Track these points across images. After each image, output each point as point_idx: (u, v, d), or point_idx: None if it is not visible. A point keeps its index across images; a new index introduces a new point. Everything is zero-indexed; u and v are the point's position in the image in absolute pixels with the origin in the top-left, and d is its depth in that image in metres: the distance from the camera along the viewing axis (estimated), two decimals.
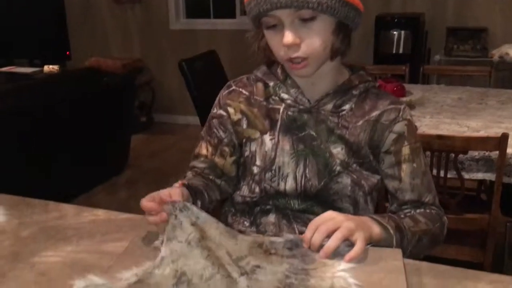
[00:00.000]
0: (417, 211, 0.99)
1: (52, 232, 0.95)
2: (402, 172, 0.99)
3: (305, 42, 0.89)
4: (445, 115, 2.11)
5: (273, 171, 1.01)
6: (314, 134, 0.99)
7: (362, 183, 1.00)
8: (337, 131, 0.98)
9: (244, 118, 1.04)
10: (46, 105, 2.75)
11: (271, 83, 1.03)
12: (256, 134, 1.03)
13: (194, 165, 1.09)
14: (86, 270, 0.77)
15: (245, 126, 1.04)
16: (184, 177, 1.07)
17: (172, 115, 4.72)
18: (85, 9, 4.78)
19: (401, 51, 3.55)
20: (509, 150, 1.55)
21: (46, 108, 2.75)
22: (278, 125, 1.01)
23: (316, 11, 0.87)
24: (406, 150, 0.99)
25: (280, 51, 0.92)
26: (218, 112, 1.07)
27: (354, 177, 0.99)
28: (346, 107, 0.99)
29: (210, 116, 1.09)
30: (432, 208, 1.01)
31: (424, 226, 0.96)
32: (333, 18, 0.90)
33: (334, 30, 0.91)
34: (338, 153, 0.98)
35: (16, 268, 0.83)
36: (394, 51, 3.57)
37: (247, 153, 1.04)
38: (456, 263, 0.83)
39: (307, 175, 0.99)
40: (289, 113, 1.01)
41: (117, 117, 3.32)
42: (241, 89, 1.06)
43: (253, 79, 1.07)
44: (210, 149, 1.08)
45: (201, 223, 0.81)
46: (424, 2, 3.73)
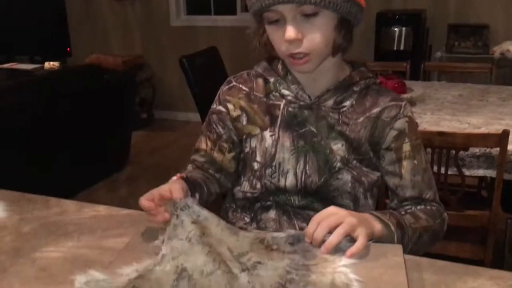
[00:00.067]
0: (418, 208, 0.99)
1: (53, 228, 0.95)
2: (403, 169, 0.99)
3: (307, 38, 0.89)
4: (446, 112, 2.10)
5: (273, 167, 1.00)
6: (315, 131, 0.99)
7: (362, 180, 1.00)
8: (338, 128, 0.98)
9: (244, 115, 1.04)
10: (47, 102, 2.75)
11: (272, 79, 1.02)
12: (256, 130, 1.03)
13: (195, 159, 1.10)
14: (87, 266, 0.77)
15: (245, 123, 1.04)
16: (185, 170, 1.08)
17: (173, 112, 4.71)
18: (86, 6, 4.78)
19: (402, 48, 3.54)
20: (510, 147, 1.54)
21: (47, 105, 2.75)
22: (279, 121, 1.01)
23: (319, 7, 0.86)
24: (407, 147, 0.99)
25: (282, 47, 0.92)
26: (218, 108, 1.07)
27: (354, 174, 0.99)
28: (347, 104, 0.99)
29: (210, 111, 1.09)
30: (433, 205, 1.01)
31: (425, 223, 0.96)
32: (335, 14, 0.89)
33: (336, 26, 0.91)
34: (339, 150, 0.98)
35: (17, 264, 0.83)
36: (395, 48, 3.56)
37: (247, 149, 1.04)
38: (457, 260, 0.83)
39: (307, 172, 0.99)
40: (290, 109, 1.00)
41: (118, 114, 3.32)
42: (241, 85, 1.06)
43: (254, 75, 1.06)
44: (209, 144, 1.08)
45: (202, 221, 0.81)
46: None
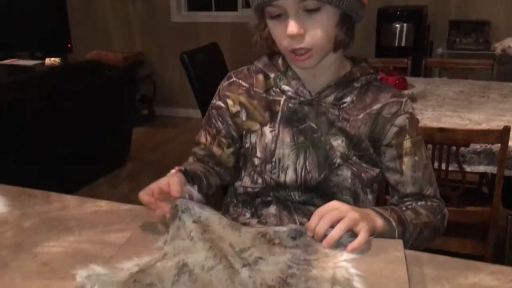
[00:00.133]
0: (419, 204, 0.99)
1: (54, 223, 0.95)
2: (403, 166, 0.99)
3: (309, 33, 0.89)
4: (447, 108, 2.10)
5: (273, 163, 1.00)
6: (315, 126, 0.99)
7: (362, 176, 1.00)
8: (338, 124, 0.98)
9: (243, 110, 1.04)
10: (48, 98, 2.75)
11: (272, 75, 1.02)
12: (256, 126, 1.03)
13: (195, 152, 1.11)
14: (89, 260, 0.77)
15: (244, 118, 1.04)
16: (186, 162, 1.10)
17: (174, 108, 4.71)
18: (86, 2, 4.77)
19: (403, 44, 3.53)
20: (511, 143, 1.54)
21: (48, 101, 2.75)
22: (279, 117, 1.01)
23: (321, 2, 0.86)
24: (408, 144, 0.98)
25: (284, 42, 0.91)
26: (217, 103, 1.08)
27: (354, 170, 0.99)
28: (347, 100, 0.99)
29: (210, 106, 1.09)
30: (433, 201, 1.01)
31: (426, 219, 0.96)
32: (338, 10, 0.89)
33: (338, 22, 0.91)
34: (339, 146, 0.98)
35: (19, 258, 0.83)
36: (396, 44, 3.55)
37: (248, 145, 1.04)
38: (457, 256, 0.82)
39: (307, 167, 0.99)
40: (290, 105, 1.00)
41: (119, 110, 3.32)
42: (241, 81, 1.06)
43: (254, 71, 1.06)
44: (209, 139, 1.09)
45: (204, 220, 0.82)
46: None
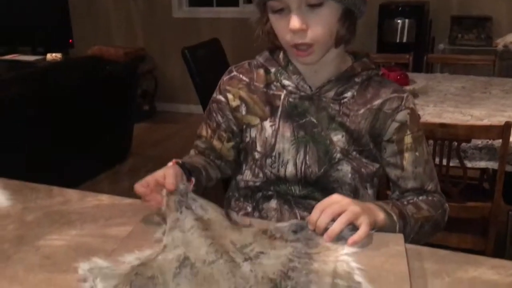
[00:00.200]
0: (420, 198, 1.00)
1: (56, 217, 0.96)
2: (404, 161, 0.99)
3: (312, 28, 0.89)
4: (449, 104, 2.10)
5: (273, 157, 1.01)
6: (315, 121, 0.99)
7: (362, 171, 1.00)
8: (338, 119, 0.98)
9: (243, 105, 1.04)
10: (49, 93, 2.76)
11: (273, 69, 1.02)
12: (256, 121, 1.03)
13: (197, 144, 1.12)
14: (90, 254, 0.78)
15: (244, 113, 1.04)
16: (188, 155, 1.11)
17: (175, 104, 4.71)
18: None
19: (405, 40, 3.53)
20: None
21: (49, 96, 2.75)
22: (279, 112, 1.01)
23: None
24: (408, 139, 0.98)
25: (286, 36, 0.91)
26: (218, 98, 1.08)
27: (354, 165, 0.99)
28: (348, 95, 0.99)
29: (211, 100, 1.10)
30: (434, 196, 1.01)
31: (427, 213, 0.96)
32: (340, 5, 0.89)
33: (341, 18, 0.91)
34: (339, 141, 0.98)
35: (21, 251, 0.84)
36: (398, 40, 3.55)
37: (248, 139, 1.04)
38: (458, 251, 0.83)
39: (307, 162, 0.99)
40: (290, 100, 1.00)
41: (120, 105, 3.32)
42: (242, 75, 1.06)
43: (255, 65, 1.06)
44: (209, 132, 1.09)
45: (206, 220, 0.82)
46: None
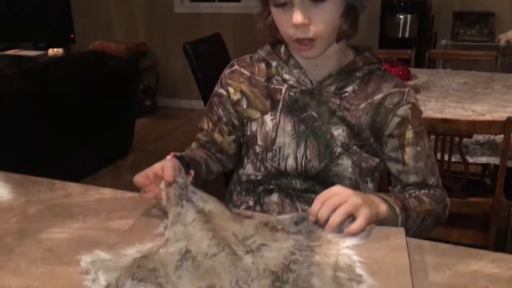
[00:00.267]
0: (422, 192, 1.00)
1: (59, 210, 0.96)
2: (406, 156, 0.99)
3: (314, 23, 0.89)
4: (451, 99, 2.09)
5: (274, 151, 1.01)
6: (316, 116, 0.99)
7: (362, 165, 1.00)
8: (339, 113, 0.98)
9: (244, 98, 1.04)
10: (51, 88, 2.76)
11: (274, 63, 1.02)
12: (257, 115, 1.03)
13: (198, 137, 1.12)
14: (93, 246, 0.78)
15: (245, 106, 1.04)
16: (189, 148, 1.11)
17: (176, 99, 4.71)
18: None
19: (407, 35, 3.52)
20: None
21: (51, 91, 2.75)
22: (280, 106, 1.01)
23: None
24: (410, 134, 0.98)
25: (288, 31, 0.91)
26: (219, 91, 1.08)
27: (355, 159, 0.99)
28: (349, 89, 0.99)
29: (213, 93, 1.10)
30: (436, 190, 1.02)
31: (429, 207, 0.96)
32: (343, 0, 0.89)
33: (343, 13, 0.91)
34: (339, 135, 0.98)
35: (24, 244, 0.84)
36: (400, 35, 3.54)
37: (249, 133, 1.05)
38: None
39: (308, 156, 0.99)
40: (291, 94, 1.00)
41: (122, 101, 3.32)
42: (243, 69, 1.06)
43: (256, 59, 1.06)
44: (210, 125, 1.09)
45: (207, 212, 0.82)
46: None
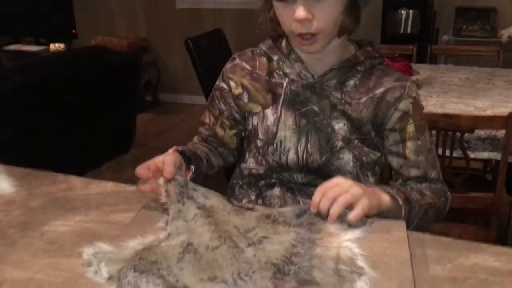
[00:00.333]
0: (423, 185, 1.00)
1: (61, 203, 0.96)
2: (407, 150, 0.99)
3: (317, 18, 0.89)
4: (452, 95, 2.09)
5: (275, 145, 1.01)
6: (317, 110, 0.99)
7: (363, 159, 1.01)
8: (340, 107, 0.98)
9: (245, 92, 1.05)
10: (52, 84, 2.76)
11: (275, 57, 1.02)
12: (258, 109, 1.03)
13: (200, 131, 1.12)
14: (95, 239, 0.79)
15: (246, 100, 1.05)
16: (191, 141, 1.12)
17: (178, 95, 4.71)
18: None
19: (409, 31, 3.51)
20: None
21: (52, 87, 2.75)
22: (281, 100, 1.01)
23: None
24: (411, 128, 0.99)
25: (291, 25, 0.91)
26: (221, 85, 1.08)
27: (356, 153, 1.00)
28: (350, 83, 0.99)
29: (214, 88, 1.10)
30: (437, 184, 1.02)
31: (430, 200, 0.97)
32: None
33: (346, 8, 0.91)
34: (340, 129, 0.98)
35: (26, 237, 0.84)
36: (402, 31, 3.53)
37: (250, 127, 1.05)
38: None
39: (309, 150, 0.99)
40: (292, 88, 1.00)
41: (123, 96, 3.32)
42: (244, 63, 1.06)
43: (258, 53, 1.06)
44: (212, 119, 1.09)
45: (208, 207, 0.83)
46: None
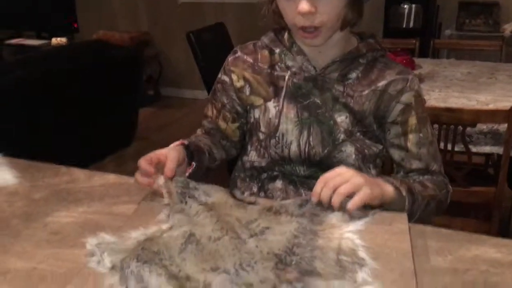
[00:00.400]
0: (425, 177, 1.00)
1: (64, 195, 0.97)
2: (409, 142, 0.99)
3: (320, 12, 0.89)
4: (454, 89, 2.08)
5: (277, 138, 1.01)
6: (319, 102, 0.99)
7: (365, 152, 1.01)
8: (342, 100, 0.98)
9: (247, 85, 1.05)
10: (54, 78, 2.76)
11: (277, 50, 1.02)
12: (260, 101, 1.03)
13: (203, 124, 1.12)
14: (98, 230, 0.79)
15: (248, 93, 1.05)
16: (194, 134, 1.11)
17: (180, 89, 4.71)
18: None
19: (412, 26, 3.49)
20: None
21: (54, 81, 2.75)
22: (283, 93, 1.01)
23: None
24: (413, 120, 0.99)
25: (294, 19, 0.91)
26: (222, 78, 1.08)
27: (358, 146, 1.00)
28: (352, 76, 0.99)
29: (216, 81, 1.10)
30: (438, 176, 1.02)
31: (432, 192, 0.97)
32: None
33: (349, 2, 0.91)
34: (342, 122, 0.99)
35: (30, 227, 0.85)
36: (405, 25, 3.51)
37: (252, 120, 1.05)
38: None
39: (311, 143, 1.00)
40: (294, 81, 1.00)
41: (125, 90, 3.32)
42: (246, 56, 1.06)
43: (259, 46, 1.06)
44: (215, 112, 1.10)
45: (210, 203, 0.83)
46: None
